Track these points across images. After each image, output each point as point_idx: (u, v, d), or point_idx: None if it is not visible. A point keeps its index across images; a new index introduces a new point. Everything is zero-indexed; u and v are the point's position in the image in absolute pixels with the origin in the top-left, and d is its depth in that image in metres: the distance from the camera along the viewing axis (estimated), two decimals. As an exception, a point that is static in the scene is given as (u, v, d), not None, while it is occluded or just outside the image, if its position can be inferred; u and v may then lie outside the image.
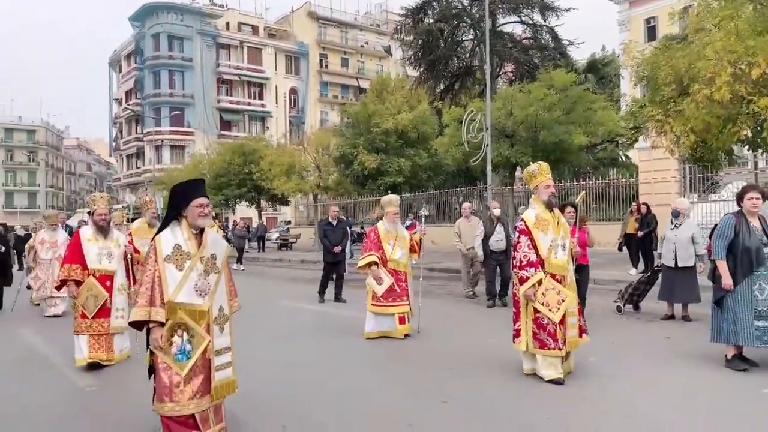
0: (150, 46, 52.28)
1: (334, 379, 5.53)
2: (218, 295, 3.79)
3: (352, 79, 59.63)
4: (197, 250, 3.71)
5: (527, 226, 5.10)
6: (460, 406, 4.60)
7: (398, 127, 22.16)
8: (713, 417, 4.30)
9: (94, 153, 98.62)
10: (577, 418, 4.33)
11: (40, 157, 76.71)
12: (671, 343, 6.64)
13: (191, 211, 3.72)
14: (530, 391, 4.92)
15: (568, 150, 17.41)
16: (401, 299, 7.20)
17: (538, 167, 5.23)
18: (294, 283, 15.15)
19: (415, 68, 30.49)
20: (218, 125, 53.01)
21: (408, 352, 6.60)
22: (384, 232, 7.42)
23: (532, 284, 4.99)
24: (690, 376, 5.34)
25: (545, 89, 17.31)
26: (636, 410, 4.42)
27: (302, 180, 25.41)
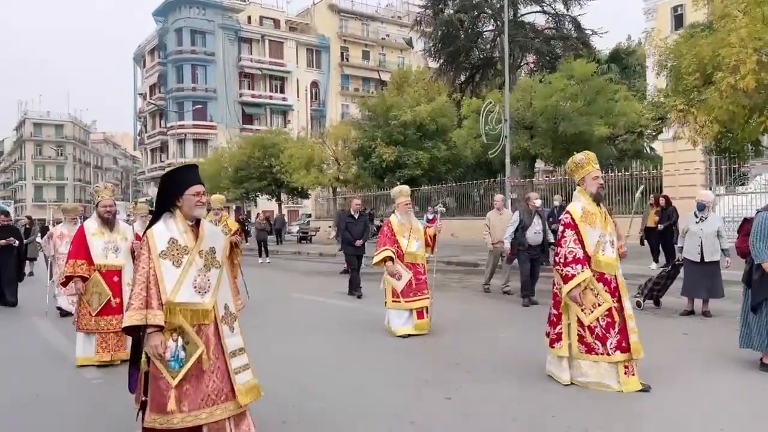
0: (173, 40, 52.79)
1: (339, 374, 5.47)
2: (222, 291, 3.43)
3: (373, 72, 59.45)
4: (195, 244, 3.35)
5: (573, 220, 4.68)
6: (463, 403, 4.52)
7: (417, 119, 21.98)
8: (737, 418, 4.15)
9: (120, 147, 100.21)
10: (582, 416, 4.20)
11: (67, 151, 78.34)
12: (689, 339, 6.46)
13: (187, 201, 3.35)
14: (537, 388, 4.80)
15: (589, 141, 17.05)
16: (421, 293, 6.97)
17: (585, 156, 4.84)
18: (308, 276, 15.18)
19: (435, 60, 30.22)
20: (240, 119, 53.38)
21: (416, 347, 6.49)
22: (398, 225, 7.18)
23: (578, 283, 4.55)
24: (712, 377, 5.17)
25: (565, 80, 16.95)
26: (649, 409, 4.29)
27: (321, 173, 25.43)
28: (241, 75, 54.37)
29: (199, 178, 3.51)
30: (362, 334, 7.19)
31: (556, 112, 17.10)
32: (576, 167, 4.88)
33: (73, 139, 79.45)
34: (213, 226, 3.68)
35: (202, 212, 3.44)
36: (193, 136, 52.34)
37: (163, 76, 53.92)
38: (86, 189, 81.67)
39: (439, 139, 22.77)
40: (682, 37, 12.24)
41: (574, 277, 4.56)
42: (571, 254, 4.60)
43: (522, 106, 17.52)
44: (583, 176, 4.81)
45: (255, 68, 54.59)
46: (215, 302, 3.37)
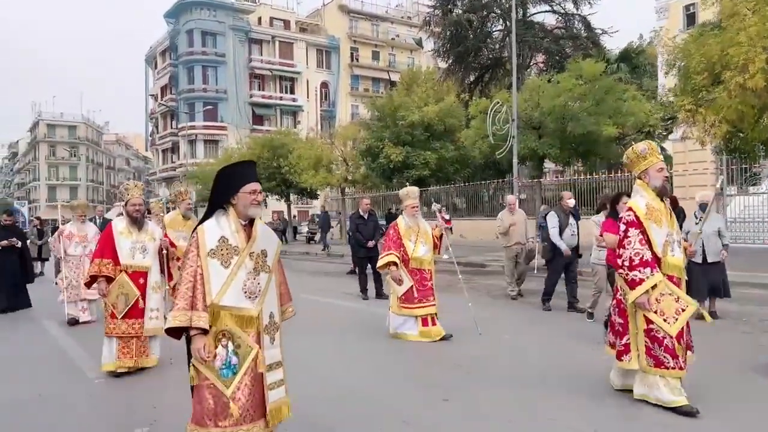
0: (184, 42, 53.12)
1: (338, 376, 5.43)
2: (269, 298, 3.20)
3: (383, 73, 59.41)
4: (246, 245, 3.12)
5: (637, 217, 4.19)
6: (460, 405, 4.49)
7: (424, 119, 21.97)
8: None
9: (132, 148, 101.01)
10: (583, 419, 4.16)
11: (80, 152, 79.07)
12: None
13: (242, 199, 3.12)
14: (536, 391, 4.76)
15: (597, 142, 16.94)
16: (427, 300, 6.70)
17: (647, 146, 4.35)
18: (314, 276, 15.21)
19: (444, 60, 30.18)
20: (251, 120, 53.61)
21: (418, 348, 6.42)
22: (405, 228, 6.92)
23: (647, 289, 4.08)
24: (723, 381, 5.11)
25: (574, 79, 16.86)
26: (648, 411, 4.24)
27: (330, 174, 25.48)
28: (252, 76, 54.61)
29: (256, 175, 3.30)
30: (364, 336, 7.11)
31: (565, 112, 17.00)
32: (637, 158, 4.36)
33: (86, 140, 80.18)
34: (267, 227, 3.37)
35: (257, 211, 3.22)
36: (204, 137, 52.62)
37: (174, 77, 54.29)
38: (99, 189, 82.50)
39: (447, 139, 22.74)
40: (691, 36, 12.12)
41: (642, 282, 4.09)
42: (638, 256, 4.13)
43: (530, 106, 17.44)
44: (645, 168, 4.30)
45: (265, 69, 54.80)
46: (261, 309, 3.14)
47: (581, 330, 7.08)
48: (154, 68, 60.97)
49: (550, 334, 7.05)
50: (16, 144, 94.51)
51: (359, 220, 10.76)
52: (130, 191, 5.74)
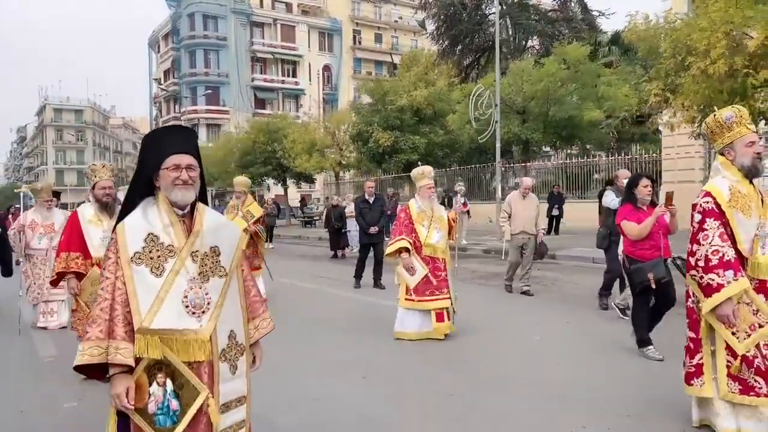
0: (186, 25, 53.17)
1: (315, 381, 4.92)
2: (227, 312, 2.35)
3: (386, 55, 59.10)
4: (185, 242, 2.29)
5: (718, 205, 3.29)
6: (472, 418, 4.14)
7: (413, 104, 22.05)
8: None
9: (139, 132, 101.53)
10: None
11: (87, 136, 79.77)
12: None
13: (163, 178, 2.30)
14: (557, 405, 4.21)
15: (580, 126, 16.97)
16: (440, 291, 6.07)
17: (735, 114, 3.37)
18: (301, 259, 15.49)
19: (438, 43, 30.10)
20: (253, 104, 53.76)
21: (423, 349, 5.81)
22: (417, 212, 6.24)
23: (728, 297, 3.16)
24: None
25: (557, 64, 16.86)
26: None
27: (323, 158, 25.69)
28: (253, 59, 54.66)
29: (186, 143, 2.39)
30: (360, 333, 6.55)
31: (549, 96, 17.03)
32: (719, 128, 3.42)
33: (93, 124, 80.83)
34: (218, 215, 2.55)
35: (184, 195, 2.31)
36: (206, 120, 52.86)
37: (177, 61, 54.44)
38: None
39: (438, 124, 22.82)
40: (665, 20, 12.09)
41: (722, 287, 3.17)
42: (717, 254, 3.20)
43: (513, 91, 17.48)
44: (731, 141, 3.38)
45: (267, 52, 54.80)
46: (215, 328, 2.28)
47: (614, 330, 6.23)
48: (157, 52, 61.12)
49: (574, 335, 6.31)
50: (24, 128, 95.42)
51: (363, 204, 10.12)
52: (97, 172, 4.93)
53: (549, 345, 5.91)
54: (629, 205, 5.35)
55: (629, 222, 5.24)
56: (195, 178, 2.35)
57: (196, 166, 2.38)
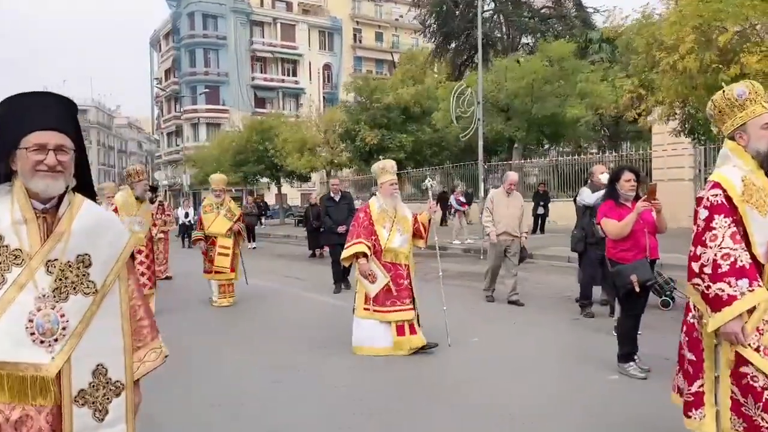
0: (186, 25, 53.25)
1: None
2: (93, 341, 1.81)
3: (387, 54, 59.03)
4: (41, 247, 1.77)
5: (729, 198, 2.65)
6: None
7: (400, 102, 21.89)
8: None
9: (144, 131, 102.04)
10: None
11: (92, 136, 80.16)
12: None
13: (21, 161, 1.78)
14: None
15: (563, 123, 16.74)
16: (401, 302, 5.44)
17: (748, 89, 2.71)
18: (279, 259, 15.39)
19: (432, 41, 29.92)
20: (253, 103, 53.74)
21: (388, 365, 5.17)
22: (378, 212, 5.60)
23: (741, 312, 2.55)
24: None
25: (539, 61, 16.65)
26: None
27: (314, 156, 25.59)
28: (253, 59, 54.66)
29: (56, 117, 1.84)
30: (322, 346, 5.84)
31: (532, 93, 16.82)
32: (730, 107, 2.76)
33: (97, 123, 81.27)
34: (100, 212, 2.02)
35: (51, 186, 1.79)
36: (206, 120, 52.91)
37: (177, 61, 54.53)
38: (110, 173, 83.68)
39: (426, 122, 22.63)
40: (642, 15, 11.87)
41: (734, 300, 2.55)
42: (727, 259, 2.59)
43: (496, 88, 17.27)
44: (743, 123, 2.74)
45: (267, 51, 54.79)
46: (68, 363, 1.76)
47: (596, 344, 5.59)
48: (158, 51, 61.31)
49: (554, 348, 5.68)
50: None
51: (329, 203, 9.68)
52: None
53: (517, 359, 5.35)
54: (610, 201, 4.87)
55: (609, 219, 4.76)
56: (66, 164, 1.80)
57: (70, 147, 1.82)
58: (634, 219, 4.60)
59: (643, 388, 4.44)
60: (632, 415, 3.99)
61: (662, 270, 9.67)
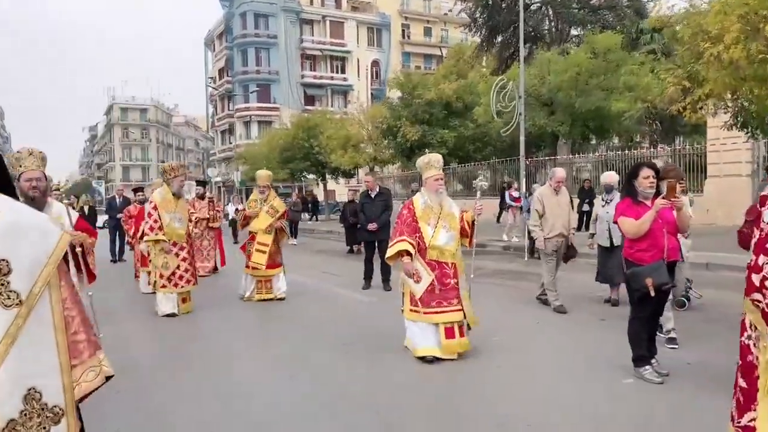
0: (238, 25, 54.56)
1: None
2: (22, 360, 1.59)
3: (435, 49, 58.73)
4: None
5: None
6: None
7: (442, 97, 21.72)
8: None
9: (200, 129, 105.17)
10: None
11: (151, 134, 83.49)
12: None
13: None
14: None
15: (608, 117, 16.19)
16: (449, 303, 5.17)
17: None
18: (318, 255, 15.59)
19: (476, 34, 29.51)
20: (302, 100, 54.56)
21: (432, 371, 4.94)
22: (422, 208, 5.33)
23: None
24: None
25: (584, 53, 16.16)
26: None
27: (357, 153, 25.77)
28: (303, 56, 55.48)
29: None
30: (353, 346, 5.76)
31: (576, 87, 16.34)
32: None
33: (156, 122, 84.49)
34: (22, 210, 1.76)
35: None
36: (258, 117, 54.08)
37: (230, 60, 55.99)
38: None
39: (468, 117, 22.38)
40: (690, 4, 11.34)
41: None
42: None
43: (539, 82, 16.88)
44: None
45: (316, 49, 55.49)
46: None
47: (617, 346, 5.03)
48: (212, 51, 63.04)
49: (571, 349, 5.54)
50: (95, 127, 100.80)
51: (365, 199, 9.66)
52: (23, 160, 4.06)
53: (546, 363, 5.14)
54: (628, 199, 4.70)
55: (626, 217, 4.58)
56: None
57: None
58: (652, 217, 4.43)
59: (657, 394, 4.30)
60: (641, 422, 3.87)
61: (709, 270, 9.29)
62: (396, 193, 25.01)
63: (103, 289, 9.46)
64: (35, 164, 4.08)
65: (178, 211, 7.39)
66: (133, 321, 7.29)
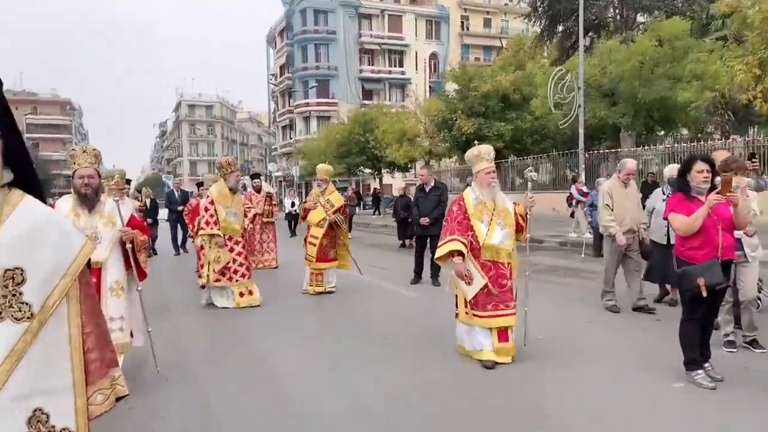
0: (298, 21, 55.41)
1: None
2: (23, 378, 1.42)
3: (495, 40, 57.65)
4: None
5: None
6: None
7: (498, 89, 21.29)
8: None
9: (263, 125, 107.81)
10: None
11: (216, 130, 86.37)
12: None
13: None
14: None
15: (673, 107, 15.39)
16: (505, 305, 4.89)
17: None
18: (370, 249, 15.67)
19: (536, 24, 28.75)
20: (360, 95, 54.90)
21: (485, 377, 4.70)
22: (474, 205, 4.98)
23: None
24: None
25: (648, 41, 15.40)
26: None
27: (413, 147, 25.71)
28: (361, 51, 55.75)
29: None
30: (400, 347, 5.55)
31: (640, 76, 15.62)
32: None
33: (221, 118, 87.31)
34: (43, 212, 1.56)
35: None
36: (317, 113, 54.81)
37: (290, 56, 56.99)
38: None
39: (526, 109, 21.86)
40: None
41: None
42: None
43: (600, 72, 16.24)
44: None
45: (374, 44, 55.65)
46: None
47: (670, 348, 4.75)
48: (274, 48, 64.36)
49: (621, 351, 5.28)
50: (165, 123, 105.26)
51: (419, 193, 9.60)
52: (76, 158, 4.13)
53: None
54: (680, 194, 4.50)
55: (677, 214, 4.38)
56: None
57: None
58: (705, 213, 4.21)
59: (708, 400, 4.09)
60: (687, 429, 3.70)
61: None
62: (453, 187, 24.83)
63: (163, 283, 9.99)
64: (88, 161, 4.14)
65: (234, 206, 7.51)
66: (188, 314, 7.49)
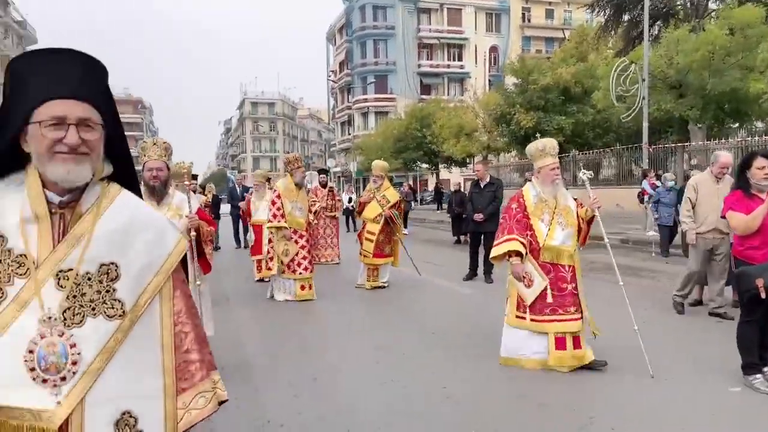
0: (357, 17, 55.87)
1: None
2: (116, 379, 1.34)
3: (558, 31, 56.13)
4: (51, 253, 1.33)
5: None
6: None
7: (559, 82, 20.74)
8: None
9: (322, 121, 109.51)
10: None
11: (278, 126, 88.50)
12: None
13: (34, 139, 1.34)
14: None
15: (745, 99, 14.54)
16: (564, 310, 4.57)
17: None
18: (425, 244, 15.67)
19: (600, 14, 27.76)
20: (418, 90, 54.80)
21: (541, 386, 4.35)
22: (534, 202, 4.69)
23: None
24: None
25: (718, 30, 14.59)
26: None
27: (470, 142, 25.46)
28: (420, 46, 55.62)
29: (77, 81, 1.37)
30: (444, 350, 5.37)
31: (710, 67, 14.85)
32: None
33: (283, 115, 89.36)
34: (139, 207, 1.51)
35: (74, 173, 1.35)
36: (375, 108, 55.13)
37: (350, 53, 57.55)
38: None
39: (587, 102, 21.20)
40: None
41: None
42: None
43: (666, 63, 15.53)
44: None
45: (433, 38, 55.39)
46: (82, 407, 1.30)
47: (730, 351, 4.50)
48: (334, 45, 65.15)
49: (677, 352, 5.07)
50: (229, 120, 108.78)
51: (474, 189, 9.44)
52: (147, 150, 4.21)
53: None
54: (738, 192, 4.31)
55: (736, 212, 4.22)
56: (93, 144, 1.35)
57: (97, 122, 1.36)
58: (765, 212, 4.04)
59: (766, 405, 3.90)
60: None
61: None
62: (513, 182, 24.41)
63: (224, 276, 10.36)
64: (157, 154, 4.22)
65: (299, 201, 7.70)
66: (246, 307, 7.68)
